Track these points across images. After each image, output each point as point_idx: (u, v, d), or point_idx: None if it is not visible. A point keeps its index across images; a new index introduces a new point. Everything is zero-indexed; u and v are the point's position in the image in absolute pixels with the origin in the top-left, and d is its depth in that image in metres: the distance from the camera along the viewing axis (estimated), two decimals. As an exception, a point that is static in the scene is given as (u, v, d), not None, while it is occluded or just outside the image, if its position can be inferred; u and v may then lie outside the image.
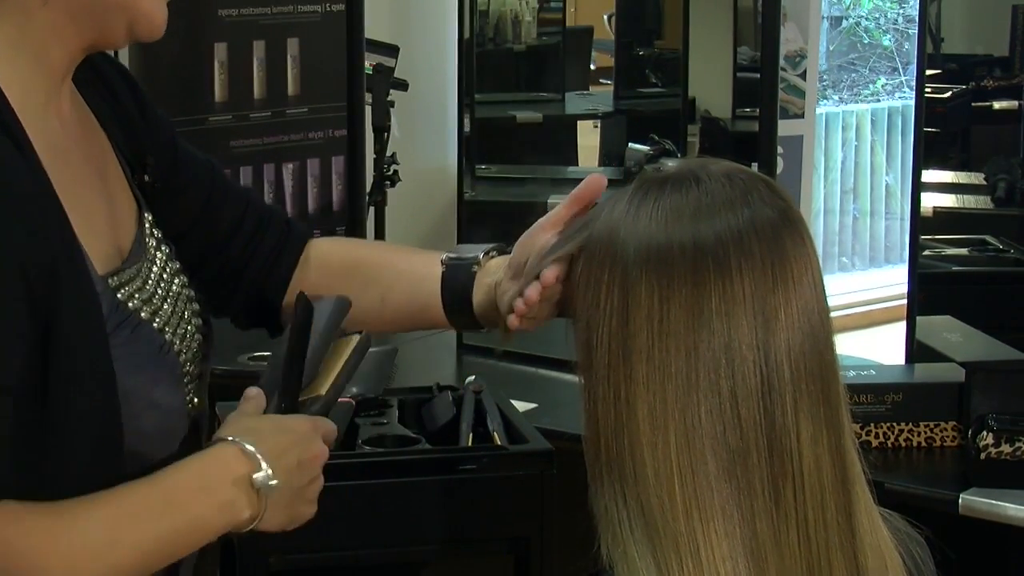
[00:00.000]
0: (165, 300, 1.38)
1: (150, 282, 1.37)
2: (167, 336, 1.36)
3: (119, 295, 1.31)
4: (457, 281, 1.52)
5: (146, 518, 1.22)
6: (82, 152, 1.34)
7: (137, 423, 1.28)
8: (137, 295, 1.34)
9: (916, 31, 2.96)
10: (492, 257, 1.53)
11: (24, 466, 1.18)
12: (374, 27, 3.37)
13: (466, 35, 3.36)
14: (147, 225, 1.40)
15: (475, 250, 1.54)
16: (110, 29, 1.29)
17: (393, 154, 3.62)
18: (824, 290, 1.13)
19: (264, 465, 1.25)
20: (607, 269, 1.12)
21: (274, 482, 1.26)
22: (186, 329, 1.40)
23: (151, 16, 1.29)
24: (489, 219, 3.86)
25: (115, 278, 1.32)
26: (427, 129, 4.08)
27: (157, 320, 1.35)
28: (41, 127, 1.26)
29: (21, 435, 1.17)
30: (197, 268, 1.50)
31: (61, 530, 1.18)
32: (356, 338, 1.48)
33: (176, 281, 1.41)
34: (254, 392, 1.36)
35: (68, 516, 1.19)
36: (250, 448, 1.25)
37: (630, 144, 3.93)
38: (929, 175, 2.93)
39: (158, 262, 1.39)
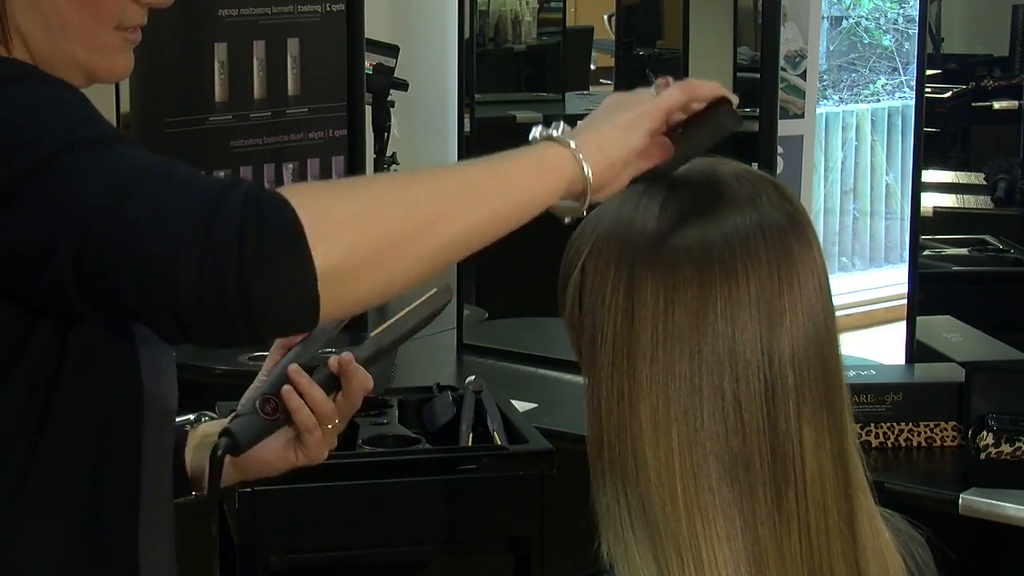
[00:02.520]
0: None
1: None
2: None
3: None
4: None
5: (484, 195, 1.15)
6: None
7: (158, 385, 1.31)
8: None
9: (916, 31, 2.95)
10: (205, 421, 1.60)
11: None
12: (374, 27, 3.37)
13: (466, 35, 3.35)
14: None
15: (188, 414, 1.61)
16: (68, 78, 1.31)
17: (393, 154, 3.62)
18: (830, 295, 1.12)
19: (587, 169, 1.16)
20: (613, 267, 1.12)
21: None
22: None
23: (111, 70, 1.32)
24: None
25: None
26: (427, 129, 4.08)
27: None
28: None
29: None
30: None
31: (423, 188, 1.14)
32: (431, 292, 1.45)
33: None
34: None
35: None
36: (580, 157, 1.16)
37: (630, 144, 3.92)
38: (929, 175, 2.93)
39: None
